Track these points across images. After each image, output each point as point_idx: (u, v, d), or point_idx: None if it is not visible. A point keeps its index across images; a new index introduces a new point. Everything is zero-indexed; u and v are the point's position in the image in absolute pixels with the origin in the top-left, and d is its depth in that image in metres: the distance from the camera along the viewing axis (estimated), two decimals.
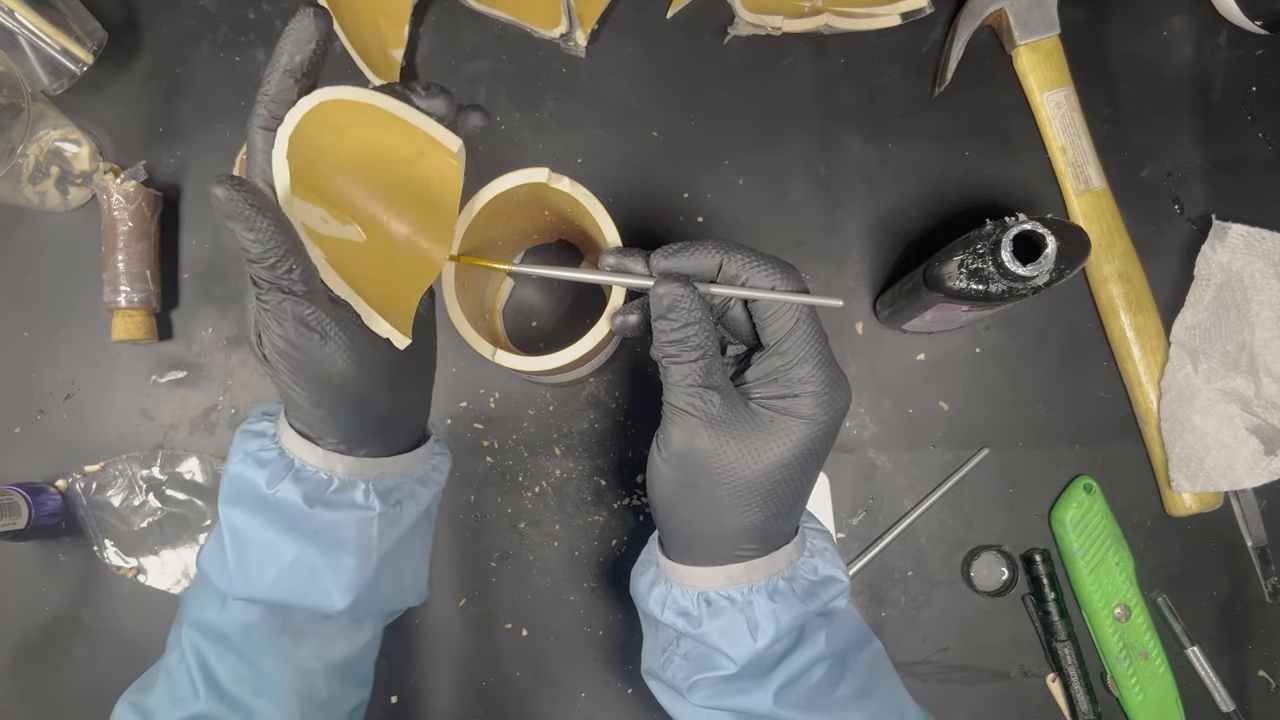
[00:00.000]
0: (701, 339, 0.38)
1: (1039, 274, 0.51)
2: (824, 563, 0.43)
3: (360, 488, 0.42)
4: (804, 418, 0.38)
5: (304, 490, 0.40)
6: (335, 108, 0.36)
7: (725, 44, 0.69)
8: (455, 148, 0.39)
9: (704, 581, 0.41)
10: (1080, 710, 0.62)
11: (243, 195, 0.33)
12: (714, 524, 0.40)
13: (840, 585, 0.42)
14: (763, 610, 0.40)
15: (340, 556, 0.41)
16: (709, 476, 0.38)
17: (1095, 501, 0.63)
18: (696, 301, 0.37)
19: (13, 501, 0.62)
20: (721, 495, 0.39)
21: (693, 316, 0.37)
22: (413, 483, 0.44)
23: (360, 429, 0.41)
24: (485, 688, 0.64)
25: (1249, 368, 0.61)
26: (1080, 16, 0.67)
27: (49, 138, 0.66)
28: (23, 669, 0.65)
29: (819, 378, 0.38)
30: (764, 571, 0.41)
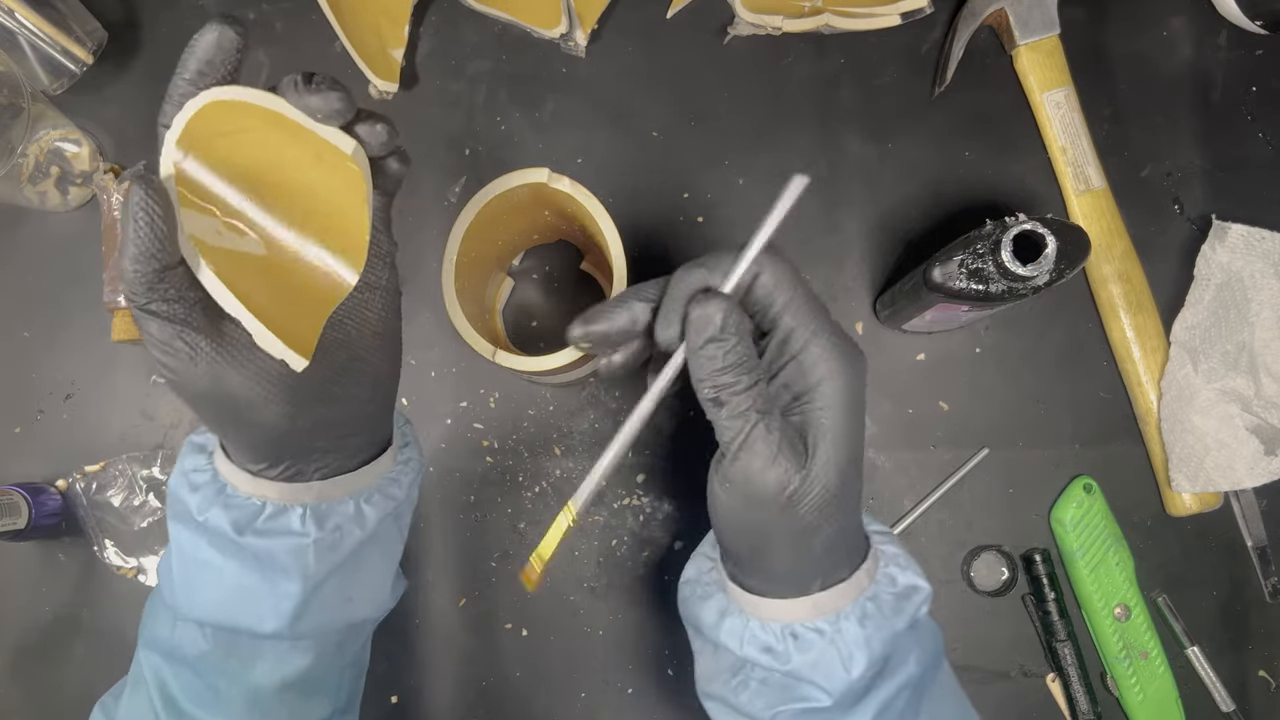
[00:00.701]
0: (753, 357, 0.34)
1: (1039, 274, 0.51)
2: (900, 570, 0.40)
3: (296, 513, 0.39)
4: (832, 407, 0.35)
5: (233, 518, 0.38)
6: (223, 110, 0.34)
7: (725, 44, 0.69)
8: (348, 149, 0.35)
9: (788, 614, 0.38)
10: (1080, 710, 0.62)
11: (150, 202, 0.31)
12: (796, 555, 0.37)
13: (923, 593, 0.40)
14: (854, 639, 0.37)
15: (278, 581, 0.39)
16: (787, 509, 0.35)
17: (1095, 501, 0.63)
18: (740, 314, 0.34)
19: (13, 501, 0.62)
20: (802, 524, 0.35)
21: (742, 330, 0.34)
22: (361, 501, 0.41)
23: (279, 452, 0.38)
24: (485, 688, 0.64)
25: (1249, 368, 0.61)
26: (1080, 16, 0.67)
27: (49, 138, 0.66)
28: (23, 669, 0.65)
29: (833, 352, 0.35)
30: (849, 595, 0.38)
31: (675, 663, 0.64)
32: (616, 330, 0.37)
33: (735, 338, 0.34)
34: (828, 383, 0.35)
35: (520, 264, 0.68)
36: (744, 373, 0.34)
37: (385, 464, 0.42)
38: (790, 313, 0.35)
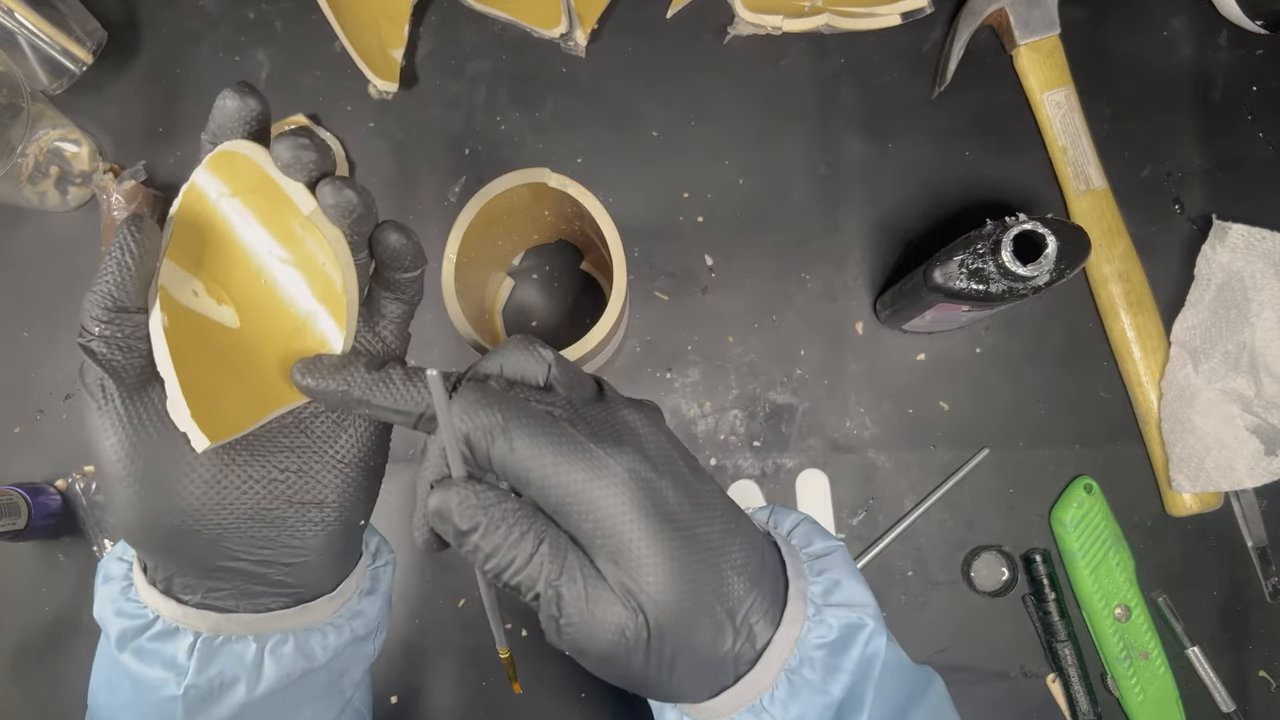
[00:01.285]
0: (521, 520, 0.29)
1: (1039, 274, 0.51)
2: (835, 613, 0.33)
3: (185, 641, 0.34)
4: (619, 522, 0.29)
5: (121, 627, 0.34)
6: (233, 164, 0.32)
7: (725, 44, 0.68)
8: (307, 209, 0.32)
9: (709, 714, 0.33)
10: (1080, 710, 0.62)
11: (131, 242, 0.29)
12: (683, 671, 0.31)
13: (865, 628, 0.33)
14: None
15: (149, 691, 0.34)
16: (642, 648, 0.30)
17: (1095, 501, 0.63)
18: (481, 487, 0.29)
19: (12, 501, 0.61)
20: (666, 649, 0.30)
21: (491, 503, 0.29)
22: (265, 649, 0.35)
23: (173, 556, 0.33)
24: (485, 688, 0.64)
25: (1250, 368, 0.61)
26: (1081, 16, 0.67)
27: (48, 138, 0.66)
28: (23, 669, 0.65)
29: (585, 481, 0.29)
30: (764, 678, 0.32)
31: None
32: (333, 400, 0.32)
33: (487, 515, 0.28)
34: (599, 513, 0.29)
35: (520, 264, 0.68)
36: (517, 544, 0.29)
37: (314, 611, 0.36)
38: (519, 464, 0.29)
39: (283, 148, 0.31)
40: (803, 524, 0.38)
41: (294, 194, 0.32)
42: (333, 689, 0.39)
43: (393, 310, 0.35)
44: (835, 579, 0.34)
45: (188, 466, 0.31)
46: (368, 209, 0.33)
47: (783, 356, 0.66)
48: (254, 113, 0.32)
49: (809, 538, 0.37)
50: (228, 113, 0.32)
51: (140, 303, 0.30)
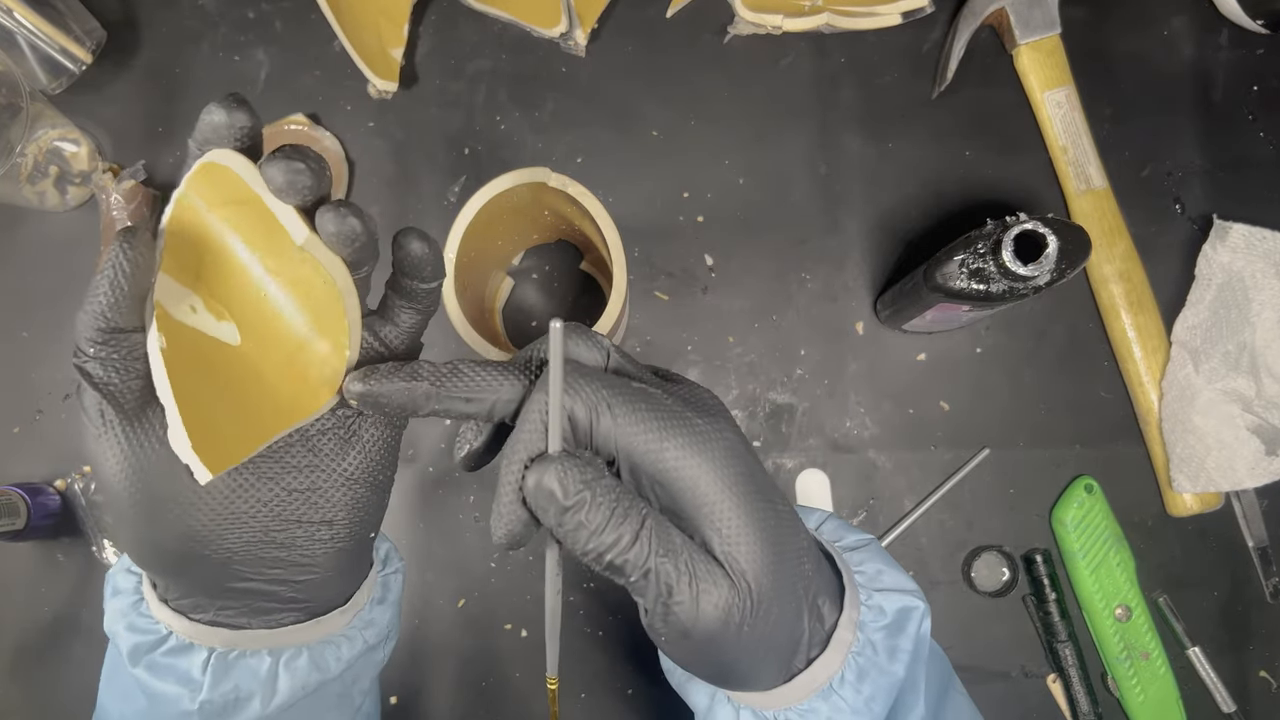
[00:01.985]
0: (625, 497, 0.28)
1: (1040, 274, 0.51)
2: (886, 594, 0.34)
3: (199, 656, 0.33)
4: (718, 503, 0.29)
5: (133, 642, 0.33)
6: (223, 176, 0.30)
7: (725, 44, 0.68)
8: (300, 238, 0.30)
9: (778, 702, 0.33)
10: (1081, 711, 0.62)
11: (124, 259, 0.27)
12: (766, 657, 0.31)
13: (918, 612, 0.34)
14: (854, 705, 0.32)
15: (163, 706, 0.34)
16: (738, 632, 0.30)
17: (1096, 502, 0.63)
18: (583, 461, 0.28)
19: (12, 502, 0.61)
20: (758, 633, 0.30)
21: (595, 478, 0.28)
22: (280, 663, 0.35)
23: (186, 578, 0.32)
24: (485, 688, 0.64)
25: (1250, 368, 0.61)
26: (1081, 16, 0.67)
27: (47, 137, 0.66)
28: (22, 669, 0.65)
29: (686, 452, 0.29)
30: (836, 660, 0.32)
31: None
32: (397, 404, 0.30)
33: (590, 491, 0.27)
34: (701, 482, 0.29)
35: (520, 264, 0.67)
36: (621, 522, 0.28)
37: (327, 625, 0.36)
38: (624, 436, 0.28)
39: (276, 170, 0.29)
40: (829, 520, 0.38)
41: (286, 221, 0.30)
42: (345, 699, 0.39)
43: (406, 319, 0.33)
44: (877, 568, 0.35)
45: (193, 493, 0.30)
46: (370, 236, 0.31)
47: (783, 356, 0.66)
48: (243, 129, 0.30)
49: (839, 532, 0.37)
50: (214, 127, 0.29)
51: (136, 322, 0.28)
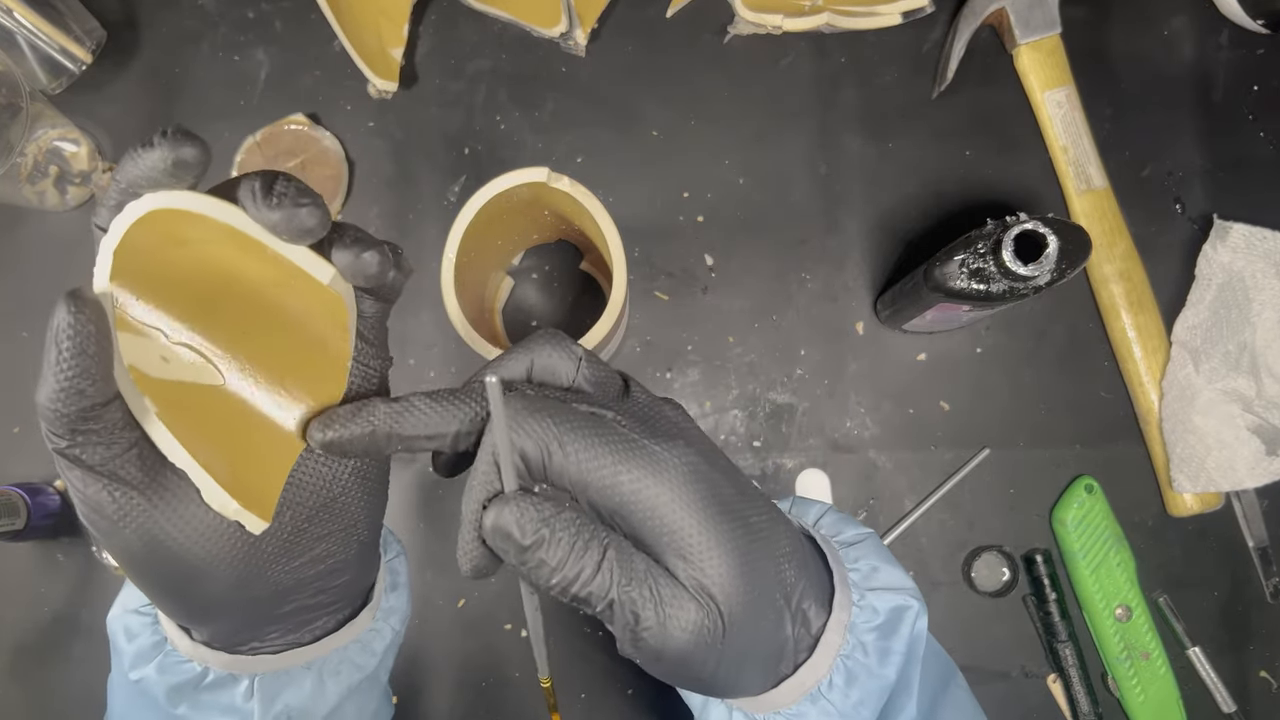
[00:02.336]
0: (584, 529, 0.27)
1: (1040, 274, 0.51)
2: (879, 593, 0.34)
3: (242, 685, 0.34)
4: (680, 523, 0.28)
5: (169, 684, 0.33)
6: (172, 218, 0.27)
7: (725, 43, 0.68)
8: (325, 278, 0.28)
9: (768, 705, 0.33)
10: (1081, 711, 0.62)
11: (82, 328, 0.25)
12: (751, 665, 0.31)
13: (911, 609, 0.34)
14: (842, 709, 0.32)
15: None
16: (715, 647, 0.29)
17: (1096, 502, 0.63)
18: (538, 499, 0.27)
19: (11, 502, 0.61)
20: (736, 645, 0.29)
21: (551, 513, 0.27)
22: (323, 674, 0.35)
23: (227, 623, 0.32)
24: (485, 688, 0.64)
25: (1250, 368, 0.61)
26: (1081, 15, 0.67)
27: (47, 137, 0.66)
28: (22, 669, 0.65)
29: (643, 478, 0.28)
30: (822, 666, 0.32)
31: None
32: (360, 448, 0.30)
33: (549, 528, 0.27)
34: (659, 509, 0.28)
35: (520, 264, 0.67)
36: (583, 555, 0.27)
37: (360, 625, 0.36)
38: (576, 470, 0.28)
39: (279, 216, 0.27)
40: (829, 513, 0.38)
41: (303, 262, 0.28)
42: (375, 681, 0.40)
43: (370, 309, 0.32)
44: (873, 565, 0.34)
45: (245, 544, 0.29)
46: (386, 263, 0.29)
47: (783, 356, 0.66)
48: (198, 166, 0.27)
49: (837, 526, 0.37)
50: (150, 165, 0.26)
51: (111, 391, 0.26)
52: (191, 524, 0.28)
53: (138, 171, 0.26)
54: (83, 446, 0.26)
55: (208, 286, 0.28)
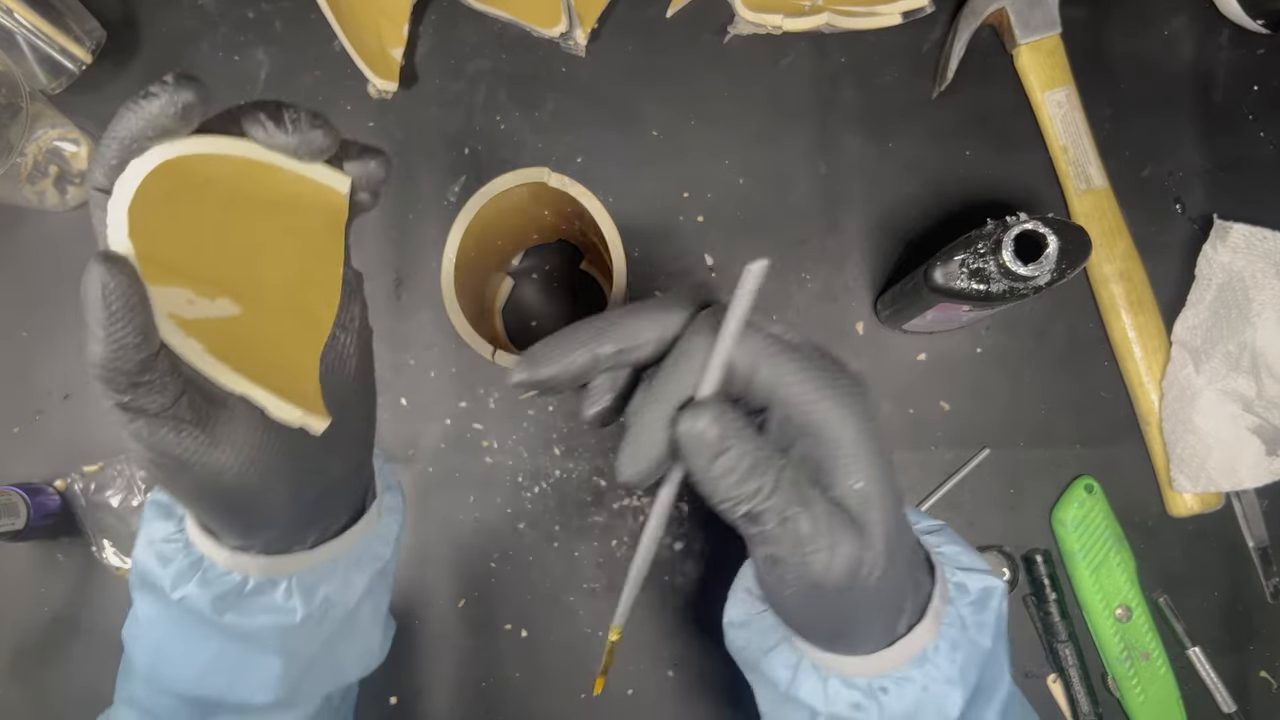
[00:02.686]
0: (766, 448, 0.29)
1: (1040, 274, 0.51)
2: (967, 573, 0.36)
3: (280, 586, 0.36)
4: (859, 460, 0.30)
5: (212, 595, 0.35)
6: (181, 164, 0.28)
7: (725, 43, 0.68)
8: (344, 188, 0.31)
9: (874, 668, 0.34)
10: (1081, 711, 0.62)
11: (126, 287, 0.26)
12: (878, 616, 0.32)
13: (998, 592, 0.35)
14: (947, 676, 0.33)
15: (263, 656, 0.36)
16: (860, 587, 0.30)
17: (1096, 502, 0.63)
18: (733, 409, 0.28)
19: (11, 502, 0.61)
20: (877, 591, 0.31)
21: (742, 427, 0.28)
22: (348, 567, 0.38)
23: (277, 530, 0.35)
24: (485, 688, 0.64)
25: (1251, 368, 0.61)
26: (1081, 16, 0.67)
27: (47, 137, 0.66)
28: (22, 669, 0.65)
29: (839, 411, 0.30)
30: (931, 630, 0.33)
31: (675, 663, 0.64)
32: (571, 376, 0.31)
33: (739, 440, 0.28)
34: (847, 441, 0.29)
35: (520, 264, 0.67)
36: (765, 472, 0.28)
37: (372, 520, 0.39)
38: (783, 385, 0.29)
39: (296, 140, 0.29)
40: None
41: (321, 177, 0.30)
42: (386, 576, 0.42)
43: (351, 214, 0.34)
44: (955, 549, 0.37)
45: (287, 454, 0.32)
46: (388, 166, 0.33)
47: None
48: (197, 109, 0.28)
49: (912, 517, 0.38)
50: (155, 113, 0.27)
51: (158, 343, 0.28)
52: (248, 448, 0.30)
53: (140, 122, 0.27)
54: (144, 397, 0.28)
55: (212, 222, 0.30)
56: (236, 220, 0.30)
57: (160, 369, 0.28)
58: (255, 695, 0.37)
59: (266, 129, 0.29)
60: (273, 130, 0.29)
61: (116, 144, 0.27)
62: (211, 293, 0.30)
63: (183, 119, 0.28)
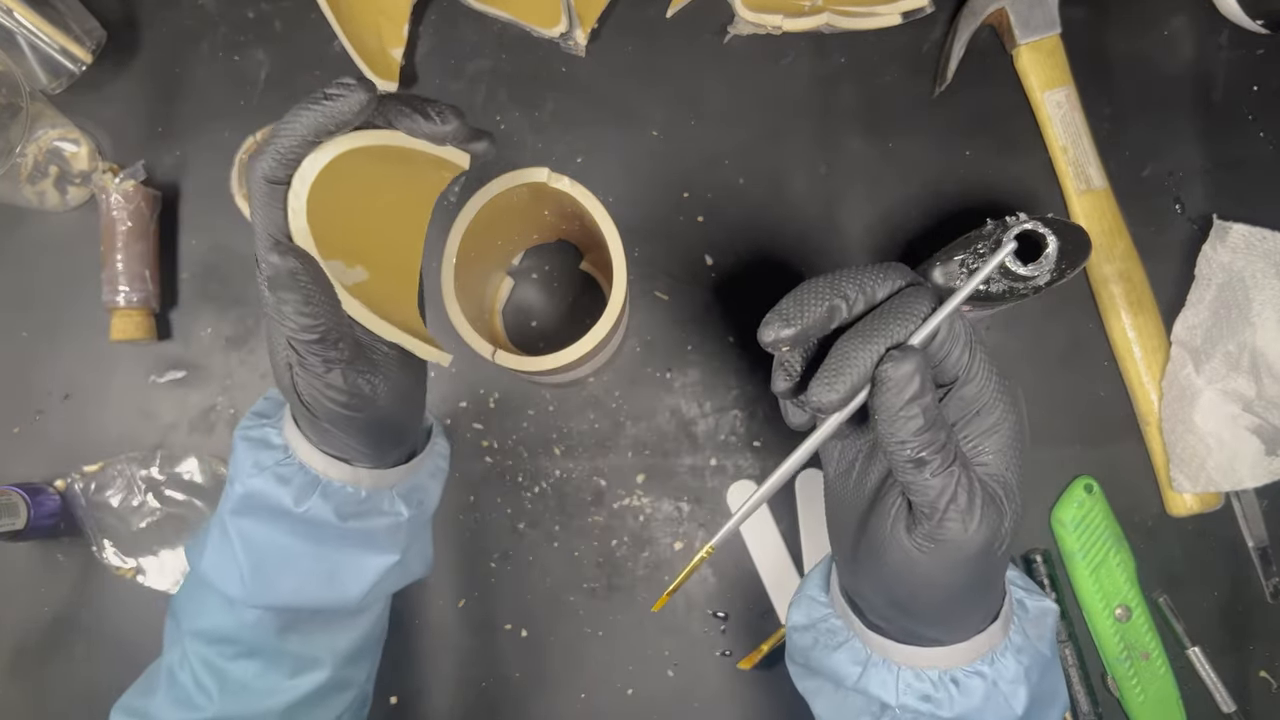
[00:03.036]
0: (943, 412, 0.32)
1: (1040, 274, 0.51)
2: (1024, 593, 0.39)
3: (386, 496, 0.43)
4: (1008, 451, 0.34)
5: (335, 506, 0.41)
6: (347, 157, 0.34)
7: (725, 44, 0.68)
8: (465, 164, 0.38)
9: (947, 661, 0.36)
10: (1081, 711, 0.62)
11: (307, 267, 0.32)
12: (981, 601, 0.36)
13: (1053, 614, 0.39)
14: (1014, 675, 0.36)
15: (365, 558, 0.42)
16: (988, 561, 0.33)
17: (1096, 502, 0.63)
18: (933, 383, 0.32)
19: (11, 502, 0.61)
20: (994, 572, 0.34)
21: (933, 386, 0.31)
22: (426, 477, 0.46)
23: (393, 449, 0.42)
24: (485, 688, 0.64)
25: (1250, 368, 0.61)
26: (1081, 16, 0.67)
27: (47, 137, 0.66)
28: (22, 669, 0.65)
29: (1004, 399, 0.34)
30: (1001, 631, 0.37)
31: (675, 664, 0.64)
32: (814, 326, 0.34)
33: (929, 391, 0.31)
34: (1003, 431, 0.33)
35: (520, 264, 0.67)
36: (941, 429, 0.31)
37: (436, 442, 0.47)
38: (975, 366, 0.33)
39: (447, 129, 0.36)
40: None
41: (452, 157, 0.37)
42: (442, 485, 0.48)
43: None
44: (1014, 573, 0.40)
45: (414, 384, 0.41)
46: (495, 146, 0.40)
47: None
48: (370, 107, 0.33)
49: None
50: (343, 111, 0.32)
51: (343, 311, 0.35)
52: (401, 383, 0.39)
53: (323, 120, 0.32)
54: (341, 351, 0.35)
55: (350, 200, 0.35)
56: (367, 197, 0.36)
57: (344, 330, 0.35)
58: (347, 598, 0.42)
59: (415, 121, 0.35)
60: (421, 122, 0.35)
61: (295, 139, 0.32)
62: (350, 262, 0.36)
63: (362, 115, 0.33)
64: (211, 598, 0.43)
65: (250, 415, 0.43)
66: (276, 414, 0.43)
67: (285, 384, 0.36)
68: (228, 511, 0.41)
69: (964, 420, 0.34)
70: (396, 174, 0.37)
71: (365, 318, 0.36)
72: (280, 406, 0.43)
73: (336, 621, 0.45)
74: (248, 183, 0.34)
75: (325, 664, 0.44)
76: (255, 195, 0.33)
